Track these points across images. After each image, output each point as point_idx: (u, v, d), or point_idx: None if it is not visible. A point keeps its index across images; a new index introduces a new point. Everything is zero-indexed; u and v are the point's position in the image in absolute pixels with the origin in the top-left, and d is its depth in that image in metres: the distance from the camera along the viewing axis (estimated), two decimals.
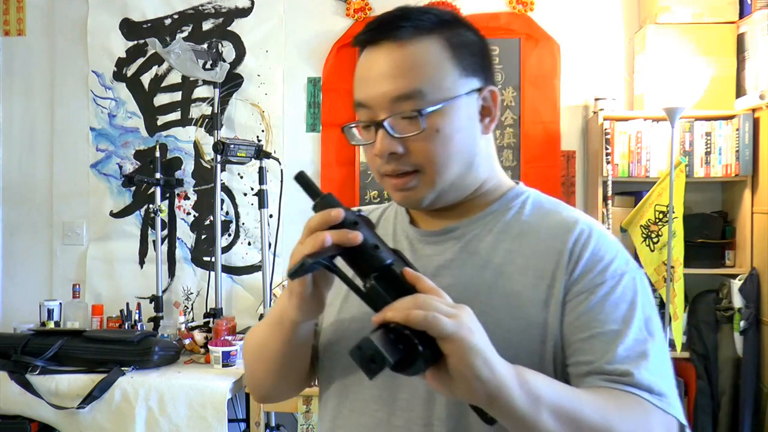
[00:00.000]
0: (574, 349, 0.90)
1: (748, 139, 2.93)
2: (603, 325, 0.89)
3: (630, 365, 0.86)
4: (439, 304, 0.75)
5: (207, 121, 3.35)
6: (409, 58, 0.93)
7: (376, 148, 0.94)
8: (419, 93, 0.92)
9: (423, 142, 0.93)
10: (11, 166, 3.52)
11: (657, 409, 0.85)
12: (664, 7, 2.99)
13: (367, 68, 0.96)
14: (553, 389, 0.81)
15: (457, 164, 0.96)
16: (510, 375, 0.77)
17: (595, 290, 0.91)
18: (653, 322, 0.93)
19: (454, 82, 0.95)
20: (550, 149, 3.26)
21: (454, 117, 0.94)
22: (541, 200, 1.05)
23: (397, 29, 0.94)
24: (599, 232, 0.97)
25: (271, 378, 1.06)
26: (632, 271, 0.95)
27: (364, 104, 0.96)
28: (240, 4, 3.37)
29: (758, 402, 2.86)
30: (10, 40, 3.51)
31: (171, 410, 2.46)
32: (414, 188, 0.96)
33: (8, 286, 3.53)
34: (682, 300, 2.82)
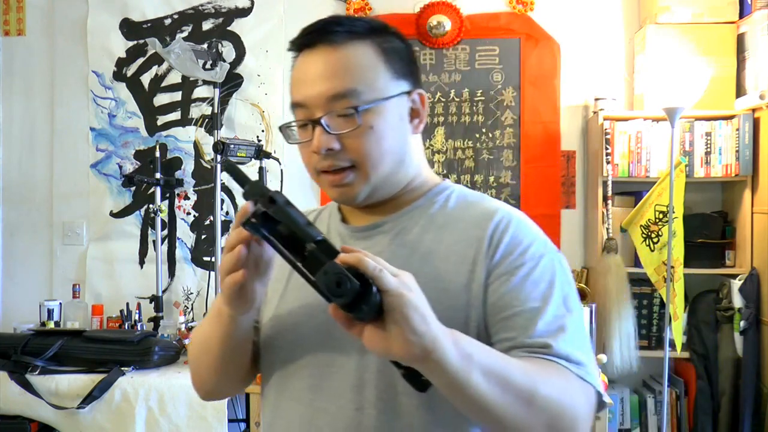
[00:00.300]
0: (497, 327, 0.96)
1: (748, 139, 2.93)
2: (524, 303, 0.95)
3: (549, 338, 0.92)
4: (384, 263, 0.80)
5: (207, 121, 3.35)
6: (343, 60, 1.00)
7: (314, 145, 1.00)
8: (354, 92, 0.99)
9: (358, 138, 0.99)
10: (11, 166, 3.52)
11: (575, 376, 0.91)
12: (664, 7, 2.99)
13: (303, 70, 1.03)
14: (484, 351, 0.86)
15: (389, 160, 1.03)
16: (444, 333, 0.81)
17: (515, 272, 0.97)
18: (571, 299, 0.99)
19: (386, 84, 1.01)
20: (550, 149, 3.26)
21: (386, 116, 1.01)
22: (465, 194, 1.11)
23: (332, 33, 1.02)
24: (518, 219, 1.04)
25: (213, 373, 1.09)
26: (550, 253, 1.02)
27: (301, 104, 1.02)
28: (240, 4, 3.37)
29: (758, 402, 2.86)
30: (10, 40, 3.51)
31: (171, 410, 2.47)
32: (350, 184, 1.02)
33: (8, 286, 3.53)
34: (682, 300, 2.82)
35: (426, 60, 3.31)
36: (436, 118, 3.32)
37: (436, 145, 3.32)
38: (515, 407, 0.85)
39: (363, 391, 0.98)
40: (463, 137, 3.31)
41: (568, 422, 0.88)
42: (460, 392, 0.83)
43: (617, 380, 3.08)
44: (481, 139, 3.30)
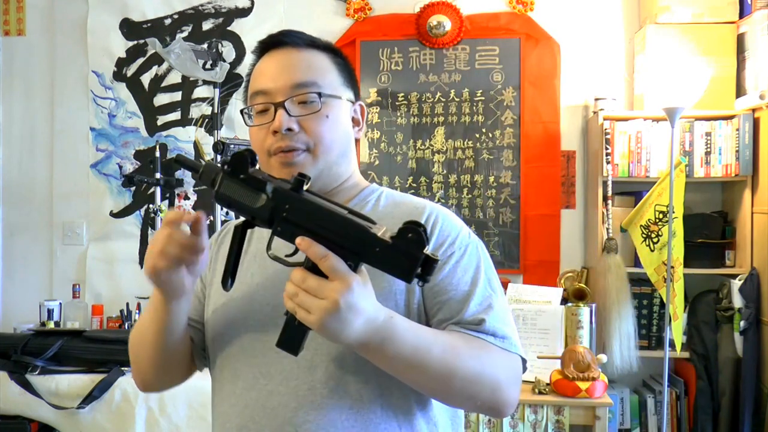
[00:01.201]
0: (435, 310, 1.09)
1: (748, 139, 2.93)
2: (456, 287, 1.09)
3: (480, 315, 1.07)
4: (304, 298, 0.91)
5: (207, 121, 3.35)
6: (306, 59, 1.16)
7: (275, 125, 1.11)
8: (315, 84, 1.14)
9: (316, 122, 1.12)
10: (11, 166, 3.52)
11: (501, 350, 1.06)
12: (664, 7, 2.99)
13: (268, 64, 1.16)
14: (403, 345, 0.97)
15: (337, 149, 1.15)
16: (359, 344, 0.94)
17: (448, 261, 1.10)
18: (494, 280, 1.13)
19: (339, 87, 1.17)
20: (550, 149, 3.26)
21: (339, 112, 1.16)
22: (393, 194, 1.23)
23: (297, 38, 1.17)
24: (444, 214, 1.16)
25: (150, 365, 1.19)
26: (474, 242, 1.15)
27: (263, 92, 1.14)
28: (240, 4, 3.37)
29: (758, 402, 2.86)
30: (10, 40, 3.51)
31: (171, 410, 2.46)
32: (300, 164, 1.12)
33: (8, 286, 3.53)
34: (682, 300, 2.82)
35: (426, 60, 3.31)
36: (436, 118, 3.32)
37: (436, 145, 3.32)
38: (433, 385, 1.02)
39: (314, 372, 1.06)
40: (463, 137, 3.31)
41: (488, 389, 1.03)
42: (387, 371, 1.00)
43: (617, 380, 3.08)
44: (481, 139, 3.30)
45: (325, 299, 0.89)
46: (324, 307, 0.89)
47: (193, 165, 1.03)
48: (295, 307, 0.92)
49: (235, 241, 1.02)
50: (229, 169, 0.97)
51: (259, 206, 0.95)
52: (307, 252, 0.91)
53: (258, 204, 0.95)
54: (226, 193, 0.97)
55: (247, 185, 0.96)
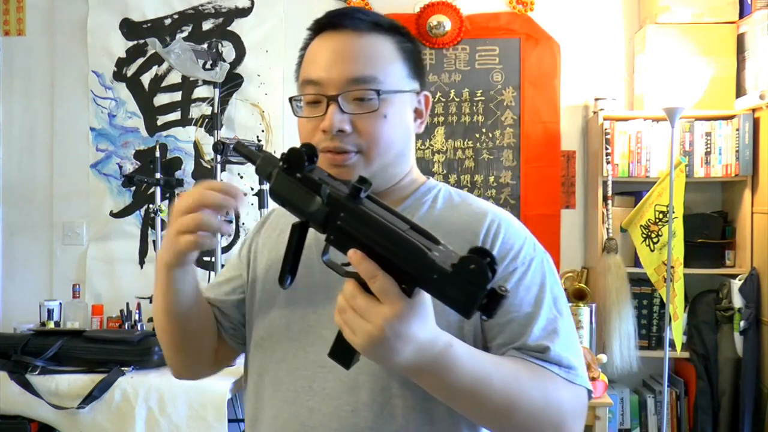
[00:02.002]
0: (494, 333, 0.99)
1: (748, 139, 2.93)
2: (519, 308, 0.98)
3: (545, 341, 0.96)
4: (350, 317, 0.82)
5: (207, 121, 3.35)
6: (367, 48, 1.03)
7: (325, 123, 1.00)
8: (375, 79, 1.01)
9: (371, 122, 1.01)
10: (11, 166, 3.52)
11: (566, 382, 0.96)
12: (664, 7, 2.99)
13: (324, 49, 1.04)
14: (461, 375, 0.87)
15: (393, 151, 1.04)
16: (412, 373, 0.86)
17: (509, 277, 0.99)
18: (560, 300, 1.02)
19: (402, 79, 1.05)
20: (550, 149, 3.26)
21: (399, 108, 1.04)
22: (452, 193, 1.12)
23: (359, 20, 1.04)
24: (507, 221, 1.06)
25: (172, 347, 1.11)
26: (539, 255, 1.04)
27: (316, 82, 1.02)
28: (240, 4, 3.37)
29: (758, 402, 2.86)
30: (10, 40, 3.51)
31: (171, 410, 2.46)
32: (351, 166, 1.02)
33: (8, 286, 3.53)
34: (682, 300, 2.82)
35: (426, 60, 3.31)
36: (436, 118, 3.32)
37: (436, 145, 3.32)
38: (492, 421, 0.93)
39: (358, 393, 0.99)
40: (463, 137, 3.31)
41: (551, 424, 0.93)
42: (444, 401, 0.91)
43: (617, 380, 3.08)
44: (481, 139, 3.30)
45: (371, 323, 0.80)
46: (368, 332, 0.80)
47: (251, 155, 0.96)
48: (342, 324, 0.83)
49: (293, 238, 0.92)
50: (284, 165, 0.89)
51: (313, 210, 0.87)
52: (358, 268, 0.82)
53: (312, 207, 0.87)
54: (280, 190, 0.90)
55: (302, 185, 0.88)
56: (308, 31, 1.09)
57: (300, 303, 1.04)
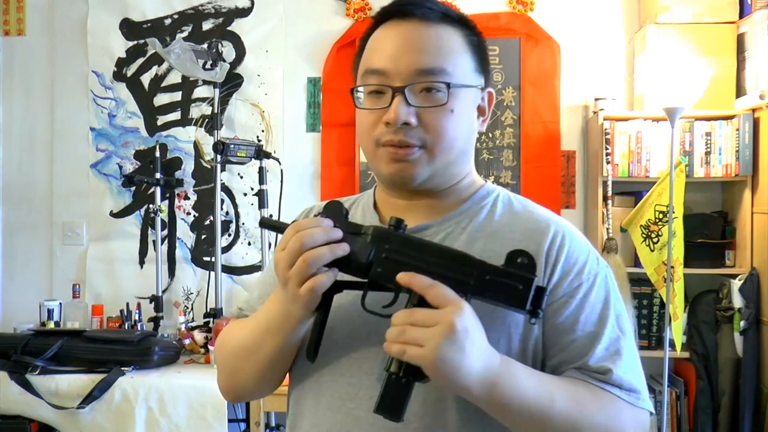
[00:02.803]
0: (556, 350, 0.96)
1: (748, 139, 2.93)
2: (583, 327, 0.95)
3: (607, 362, 0.93)
4: (413, 333, 0.81)
5: (207, 121, 3.35)
6: (437, 38, 0.97)
7: (390, 115, 0.95)
8: (444, 71, 0.96)
9: (438, 117, 0.96)
10: (11, 166, 3.52)
11: (628, 405, 0.93)
12: (664, 7, 2.99)
13: (390, 38, 0.98)
14: (525, 394, 0.86)
15: (457, 148, 1.00)
16: (480, 387, 0.83)
17: (574, 294, 0.96)
18: (623, 318, 0.98)
19: (470, 73, 1.00)
20: (550, 149, 3.26)
21: (466, 103, 1.00)
22: (511, 199, 1.08)
23: (428, 10, 0.98)
24: (571, 233, 1.02)
25: (256, 382, 1.06)
26: (603, 269, 1.00)
27: (381, 71, 0.97)
28: (240, 4, 3.37)
29: (758, 402, 2.86)
30: (10, 40, 3.51)
31: (171, 410, 2.46)
32: (413, 162, 0.97)
33: (8, 286, 3.53)
34: (682, 300, 2.82)
35: None
36: None
37: None
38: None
39: (409, 404, 0.92)
40: None
41: None
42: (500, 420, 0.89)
43: None
44: (481, 139, 3.30)
45: (439, 325, 0.79)
46: (439, 333, 0.79)
47: (281, 225, 0.93)
48: (402, 347, 0.80)
49: (320, 308, 0.91)
50: (322, 214, 0.90)
51: (358, 249, 0.88)
52: (411, 284, 0.82)
53: (357, 247, 0.88)
54: None
55: (344, 231, 0.88)
56: (371, 20, 1.03)
57: (344, 308, 0.98)
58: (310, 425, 1.01)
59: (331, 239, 0.86)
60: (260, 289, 1.14)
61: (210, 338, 2.85)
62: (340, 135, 3.32)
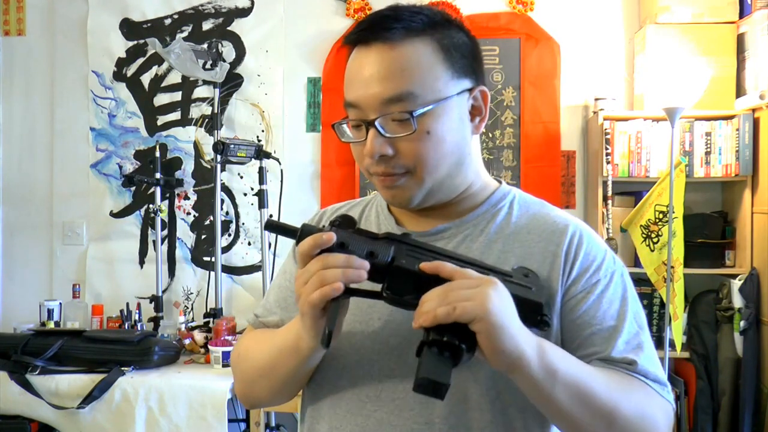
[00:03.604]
0: (576, 345, 0.95)
1: (748, 139, 2.93)
2: (602, 322, 0.95)
3: (631, 354, 0.94)
4: (459, 292, 0.79)
5: (207, 121, 3.35)
6: (400, 60, 0.94)
7: (367, 149, 0.95)
8: (410, 95, 0.93)
9: (413, 143, 0.94)
10: (11, 166, 3.52)
11: (657, 394, 0.94)
12: (664, 7, 2.99)
13: (357, 69, 0.97)
14: (570, 365, 0.87)
15: (447, 165, 0.97)
16: (531, 348, 0.82)
17: (592, 290, 0.97)
18: (640, 315, 0.99)
19: (445, 84, 0.95)
20: (550, 149, 3.26)
21: (445, 118, 0.95)
22: (527, 200, 1.08)
23: (388, 30, 0.94)
24: (588, 233, 1.02)
25: (273, 394, 1.06)
26: (619, 268, 1.02)
27: (354, 104, 0.96)
28: (240, 4, 3.37)
29: (758, 402, 2.86)
30: (10, 40, 3.51)
31: (171, 410, 2.46)
32: (403, 187, 0.97)
33: (8, 286, 3.53)
34: (682, 300, 2.82)
35: None
36: None
37: None
38: (595, 423, 0.88)
39: (433, 405, 0.92)
40: None
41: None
42: (542, 401, 0.87)
43: None
44: (481, 138, 3.28)
45: (481, 285, 0.80)
46: (486, 286, 0.80)
47: (289, 229, 0.92)
48: (450, 307, 0.78)
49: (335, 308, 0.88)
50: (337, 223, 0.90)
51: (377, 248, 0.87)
52: (439, 270, 0.82)
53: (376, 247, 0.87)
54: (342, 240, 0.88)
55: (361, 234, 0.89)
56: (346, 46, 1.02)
57: (363, 310, 0.98)
58: (328, 428, 1.00)
59: (350, 264, 0.85)
60: (276, 293, 1.13)
61: (210, 338, 2.85)
62: None
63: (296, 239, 0.90)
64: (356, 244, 0.87)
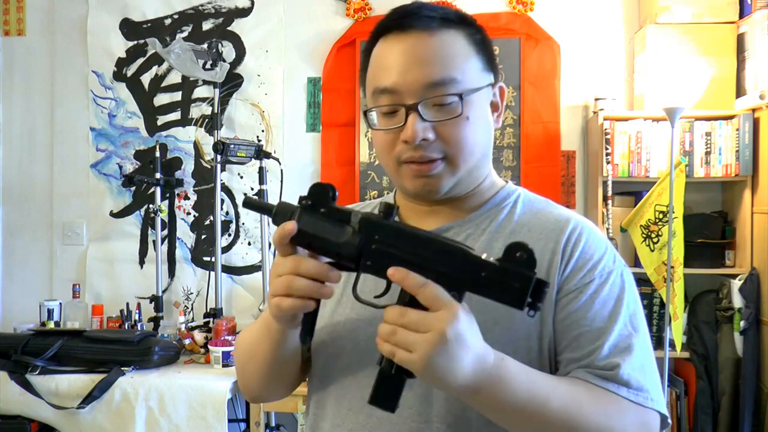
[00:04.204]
0: (563, 345, 0.94)
1: (748, 139, 2.93)
2: (591, 323, 0.93)
3: (616, 358, 0.91)
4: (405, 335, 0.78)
5: (207, 121, 3.35)
6: (441, 47, 0.95)
7: (407, 134, 0.94)
8: (453, 81, 0.94)
9: (454, 128, 0.95)
10: (11, 166, 3.52)
11: (634, 405, 0.90)
12: (664, 7, 2.99)
13: (392, 55, 0.96)
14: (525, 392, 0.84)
15: (478, 153, 0.99)
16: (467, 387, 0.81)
17: (584, 289, 0.94)
18: (638, 317, 0.96)
19: (478, 74, 0.98)
20: (550, 149, 3.26)
21: (479, 106, 0.98)
22: (531, 199, 1.07)
23: (427, 18, 0.96)
24: (589, 230, 1.00)
25: (260, 380, 1.07)
26: (619, 268, 0.98)
27: (391, 90, 0.95)
28: (240, 4, 3.37)
29: (758, 402, 2.86)
30: (10, 40, 3.51)
31: (171, 410, 2.46)
32: (437, 176, 0.97)
33: (8, 286, 3.53)
34: (682, 300, 2.82)
35: None
36: None
37: None
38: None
39: (432, 404, 0.94)
40: None
41: None
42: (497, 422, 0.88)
43: None
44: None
45: (430, 331, 0.77)
46: (429, 341, 0.76)
47: (265, 206, 0.91)
48: (393, 348, 0.79)
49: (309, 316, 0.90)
50: (308, 202, 0.85)
51: (344, 241, 0.84)
52: (403, 283, 0.80)
53: (343, 238, 0.84)
54: (306, 229, 0.84)
55: (329, 219, 0.84)
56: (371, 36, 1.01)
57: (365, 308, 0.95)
58: (331, 426, 1.01)
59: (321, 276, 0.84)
60: None
61: (210, 338, 2.85)
62: (340, 135, 3.32)
63: (272, 217, 0.89)
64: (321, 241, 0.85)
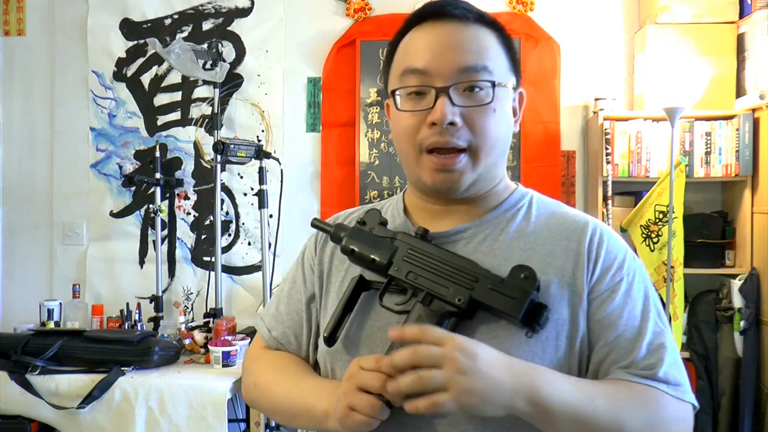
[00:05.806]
0: (601, 345, 0.95)
1: (748, 139, 2.93)
2: (627, 322, 0.95)
3: (653, 358, 0.93)
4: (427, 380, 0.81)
5: (207, 121, 3.35)
6: (477, 38, 0.98)
7: (435, 115, 0.94)
8: (485, 69, 0.96)
9: (482, 116, 0.96)
10: (11, 166, 3.52)
11: (673, 399, 0.92)
12: (664, 7, 2.99)
13: (431, 37, 0.97)
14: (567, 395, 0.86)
15: (498, 149, 1.00)
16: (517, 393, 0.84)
17: (616, 288, 0.96)
18: (662, 314, 0.99)
19: (506, 72, 1.01)
20: (550, 149, 3.26)
21: (505, 102, 0.99)
22: (545, 202, 1.08)
23: (464, 10, 0.99)
24: (608, 231, 1.03)
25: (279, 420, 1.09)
26: (640, 266, 1.01)
27: (422, 71, 0.96)
28: (240, 4, 3.37)
29: (758, 402, 2.86)
30: (10, 40, 3.51)
31: (171, 410, 2.46)
32: (458, 170, 0.97)
33: (8, 286, 3.53)
34: (682, 300, 2.82)
35: None
36: None
37: None
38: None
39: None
40: None
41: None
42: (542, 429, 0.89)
43: None
44: None
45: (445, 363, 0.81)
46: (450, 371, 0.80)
47: (325, 226, 1.08)
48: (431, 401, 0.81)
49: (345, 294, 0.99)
50: (361, 222, 1.03)
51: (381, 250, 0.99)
52: (403, 337, 0.85)
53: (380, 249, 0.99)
54: (351, 239, 1.01)
55: (373, 236, 1.01)
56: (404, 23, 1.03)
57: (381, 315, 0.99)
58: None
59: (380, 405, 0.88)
60: (287, 305, 1.13)
61: (210, 338, 2.84)
62: (340, 135, 3.32)
63: (330, 235, 1.04)
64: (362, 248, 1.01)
